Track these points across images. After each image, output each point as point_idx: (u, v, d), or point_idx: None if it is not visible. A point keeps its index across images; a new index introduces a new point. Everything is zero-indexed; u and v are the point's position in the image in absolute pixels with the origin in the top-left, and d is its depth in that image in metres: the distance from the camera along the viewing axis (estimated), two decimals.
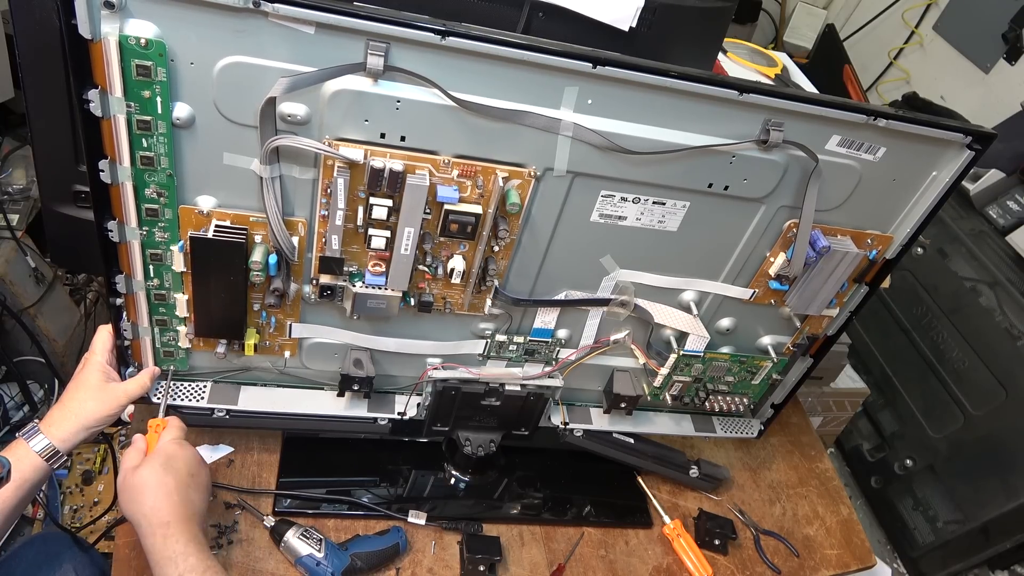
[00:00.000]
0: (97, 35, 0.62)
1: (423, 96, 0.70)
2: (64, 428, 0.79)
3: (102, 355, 0.85)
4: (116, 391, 0.84)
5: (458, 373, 0.97)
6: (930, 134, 0.82)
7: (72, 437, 0.80)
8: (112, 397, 0.83)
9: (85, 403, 0.82)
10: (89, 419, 0.81)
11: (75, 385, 0.84)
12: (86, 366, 0.85)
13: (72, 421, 0.80)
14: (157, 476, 0.76)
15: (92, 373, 0.84)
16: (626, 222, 0.85)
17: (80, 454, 1.42)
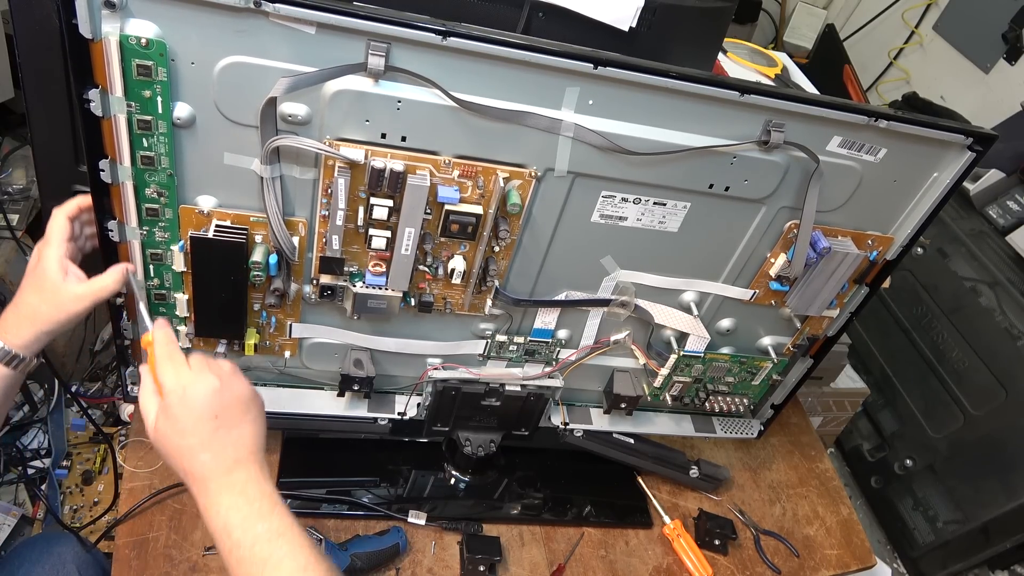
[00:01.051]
0: (98, 35, 0.62)
1: (424, 96, 0.70)
2: (21, 333, 0.71)
3: (58, 246, 0.72)
4: (76, 292, 0.72)
5: (458, 373, 0.97)
6: (931, 135, 0.82)
7: (33, 343, 0.72)
8: (71, 299, 0.72)
9: (40, 306, 0.71)
10: (46, 324, 0.71)
11: (29, 283, 0.73)
12: (40, 260, 0.72)
13: (28, 326, 0.71)
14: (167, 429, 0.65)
15: (48, 270, 0.72)
16: (627, 223, 0.85)
17: (80, 454, 1.42)
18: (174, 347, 0.68)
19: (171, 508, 0.94)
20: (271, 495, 0.64)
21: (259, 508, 0.63)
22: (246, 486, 0.64)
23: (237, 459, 0.65)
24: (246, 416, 0.67)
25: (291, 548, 0.61)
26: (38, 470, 1.39)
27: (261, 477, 0.65)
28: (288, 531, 0.62)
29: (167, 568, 0.89)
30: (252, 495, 0.63)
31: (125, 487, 0.95)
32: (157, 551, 0.90)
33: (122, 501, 0.94)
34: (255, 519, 0.62)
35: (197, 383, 0.65)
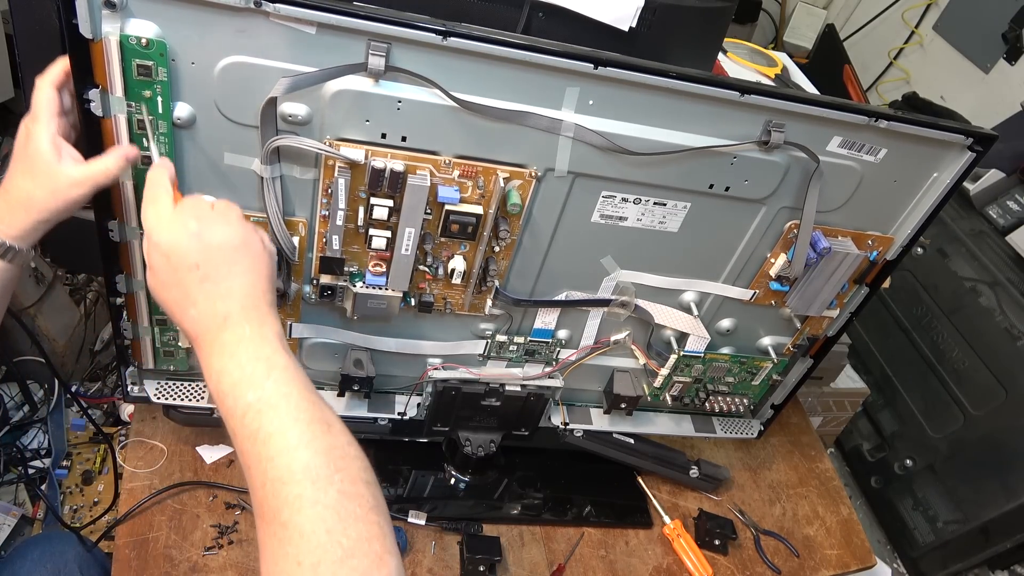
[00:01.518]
0: (98, 35, 0.62)
1: (424, 96, 0.70)
2: (15, 223, 0.64)
3: (48, 122, 0.63)
4: (73, 176, 0.64)
5: (458, 373, 0.97)
6: (931, 135, 0.82)
7: (30, 232, 0.65)
8: (68, 184, 0.64)
9: (34, 192, 0.63)
10: (42, 212, 0.64)
11: (19, 166, 0.64)
12: (30, 139, 0.64)
13: (22, 214, 0.64)
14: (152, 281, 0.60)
15: (40, 150, 0.63)
16: (627, 223, 0.85)
17: (80, 454, 1.42)
18: (160, 189, 0.61)
19: (171, 508, 0.94)
20: (268, 358, 0.56)
21: (251, 374, 0.55)
22: (237, 348, 0.56)
23: (226, 316, 0.57)
24: (234, 265, 0.59)
25: (282, 423, 0.53)
26: (38, 470, 1.39)
27: (257, 336, 0.57)
28: (282, 401, 0.54)
29: (167, 568, 0.89)
30: (244, 359, 0.56)
31: (125, 487, 0.95)
32: (157, 551, 0.90)
33: (122, 501, 0.94)
34: (246, 387, 0.55)
35: (172, 227, 0.58)
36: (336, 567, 0.48)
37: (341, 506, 0.51)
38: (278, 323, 0.59)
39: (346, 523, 0.50)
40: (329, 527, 0.50)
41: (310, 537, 0.49)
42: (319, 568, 0.48)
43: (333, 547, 0.49)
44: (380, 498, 0.54)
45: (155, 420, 1.02)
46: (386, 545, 0.51)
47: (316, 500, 0.51)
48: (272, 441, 0.53)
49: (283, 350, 0.57)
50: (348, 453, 0.54)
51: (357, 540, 0.50)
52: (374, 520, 0.52)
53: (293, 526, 0.50)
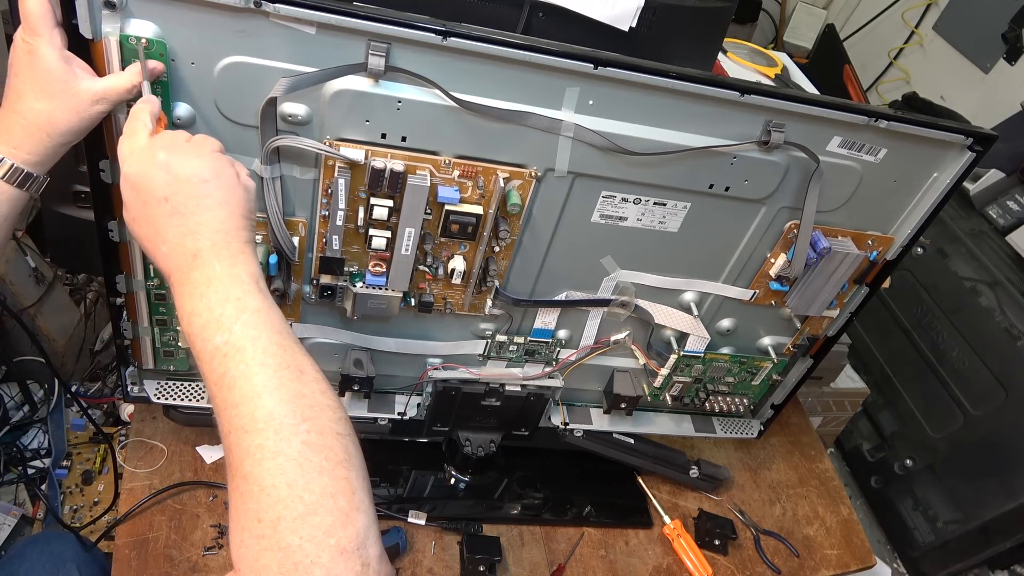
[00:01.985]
0: (98, 35, 0.62)
1: (424, 96, 0.70)
2: (35, 148, 0.60)
3: (51, 35, 0.59)
4: (94, 90, 0.60)
5: (458, 373, 0.97)
6: (931, 135, 0.82)
7: (50, 157, 0.62)
8: (90, 99, 0.60)
9: (54, 113, 0.60)
10: (65, 133, 0.61)
11: (28, 84, 0.59)
12: (35, 56, 0.58)
13: (44, 137, 0.60)
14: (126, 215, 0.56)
15: (51, 67, 0.58)
16: (627, 223, 0.85)
17: (80, 454, 1.42)
18: (139, 123, 0.58)
19: (171, 508, 0.94)
20: (239, 299, 0.52)
21: (219, 316, 0.52)
22: (207, 289, 0.53)
23: (196, 253, 0.54)
24: (204, 199, 0.55)
25: (248, 367, 0.50)
26: (38, 470, 1.39)
27: (227, 276, 0.53)
28: (250, 344, 0.51)
29: (167, 568, 0.89)
30: (213, 300, 0.52)
31: (125, 487, 0.95)
32: (157, 551, 0.90)
33: (122, 501, 0.94)
34: (214, 329, 0.51)
35: (141, 159, 0.56)
36: (296, 524, 0.45)
37: (305, 458, 0.47)
38: (254, 262, 0.56)
39: (309, 477, 0.47)
40: (290, 480, 0.46)
41: (270, 491, 0.46)
42: (279, 526, 0.45)
43: (294, 502, 0.45)
44: (353, 451, 0.50)
45: (155, 420, 1.02)
46: (354, 501, 0.47)
47: (278, 451, 0.47)
48: (237, 387, 0.50)
49: (257, 291, 0.54)
50: (319, 402, 0.51)
51: (321, 495, 0.46)
52: (342, 475, 0.48)
53: (253, 479, 0.47)
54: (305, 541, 0.45)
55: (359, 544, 0.46)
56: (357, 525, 0.46)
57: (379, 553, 0.47)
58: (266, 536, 0.45)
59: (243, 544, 0.46)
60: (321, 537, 0.45)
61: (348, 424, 0.52)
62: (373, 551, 0.47)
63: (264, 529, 0.45)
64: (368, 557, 0.46)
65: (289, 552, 0.44)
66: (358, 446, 0.51)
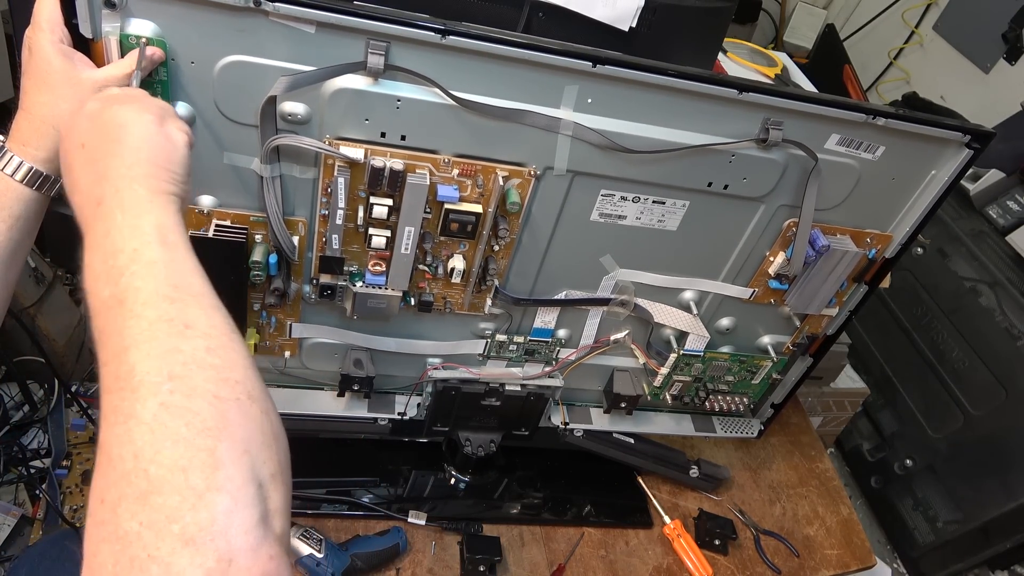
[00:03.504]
0: (98, 34, 0.62)
1: (423, 95, 0.70)
2: (43, 143, 0.60)
3: (51, 30, 0.60)
4: (96, 77, 0.60)
5: (458, 373, 0.97)
6: (929, 133, 0.82)
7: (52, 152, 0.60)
8: (90, 88, 0.60)
9: (57, 105, 0.59)
10: None
11: (33, 83, 0.60)
12: (35, 52, 0.60)
13: (42, 127, 0.59)
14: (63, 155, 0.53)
15: (51, 61, 0.59)
16: (626, 221, 0.85)
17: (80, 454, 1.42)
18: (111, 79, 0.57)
19: None
20: (135, 250, 0.46)
21: (111, 267, 0.45)
22: (104, 240, 0.47)
23: (99, 200, 0.49)
24: (116, 143, 0.50)
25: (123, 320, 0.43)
26: (38, 470, 1.39)
27: (127, 227, 0.47)
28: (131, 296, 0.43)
29: None
30: (108, 250, 0.46)
31: None
32: None
33: None
34: (103, 282, 0.45)
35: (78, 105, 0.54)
36: (136, 505, 0.36)
37: (160, 423, 0.38)
38: (165, 214, 0.49)
39: (160, 446, 0.37)
40: (137, 450, 0.37)
41: (116, 464, 0.38)
42: (119, 507, 0.36)
43: (137, 477, 0.37)
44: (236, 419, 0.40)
45: None
46: (214, 479, 0.37)
47: (130, 413, 0.39)
48: (110, 343, 0.43)
49: (158, 243, 0.46)
50: (198, 359, 0.41)
51: (170, 470, 0.37)
52: (204, 445, 0.38)
53: (104, 448, 0.39)
54: (144, 527, 0.35)
55: (215, 532, 0.36)
56: (213, 509, 0.36)
57: (250, 544, 0.37)
58: (106, 522, 0.36)
59: (87, 536, 0.37)
60: (162, 522, 0.35)
61: (239, 388, 0.42)
62: (239, 541, 0.36)
63: (105, 513, 0.37)
64: (229, 550, 0.36)
65: (127, 542, 0.35)
66: (252, 415, 0.41)
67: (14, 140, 0.60)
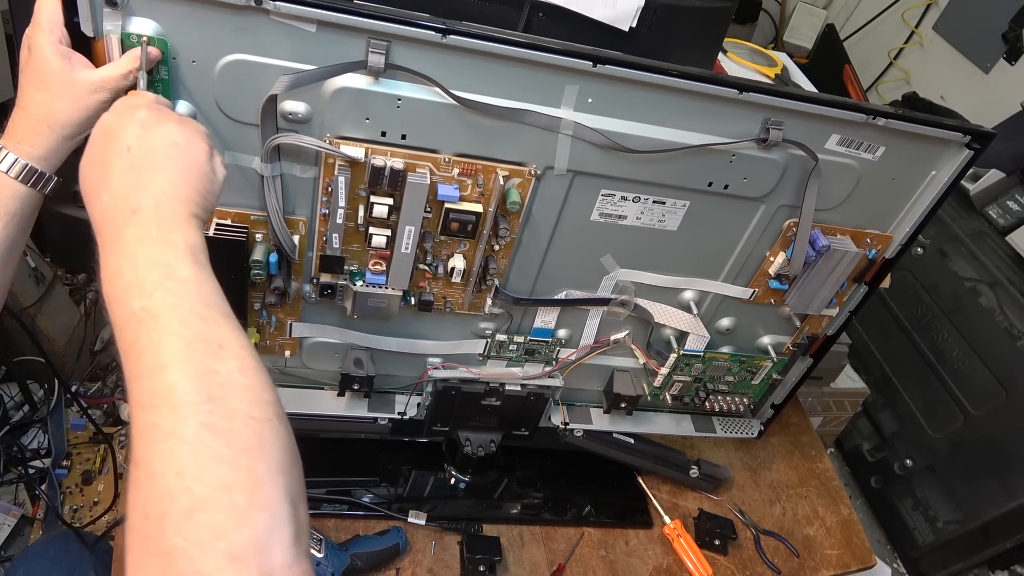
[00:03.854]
0: (99, 33, 0.62)
1: (424, 94, 0.70)
2: (39, 141, 0.61)
3: (50, 30, 0.60)
4: (90, 79, 0.61)
5: (458, 373, 0.97)
6: (929, 133, 0.82)
7: (54, 152, 0.62)
8: (87, 88, 0.61)
9: (53, 104, 0.60)
10: (65, 125, 0.61)
11: (31, 81, 0.61)
12: (33, 51, 0.60)
13: (45, 130, 0.61)
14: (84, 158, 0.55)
15: (48, 60, 0.60)
16: (626, 221, 0.85)
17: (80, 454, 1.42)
18: None
19: None
20: (169, 265, 0.47)
21: (143, 279, 0.46)
22: (137, 249, 0.48)
23: (136, 209, 0.50)
24: (166, 160, 0.53)
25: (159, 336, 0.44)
26: (38, 470, 1.39)
27: (161, 240, 0.49)
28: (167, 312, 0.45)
29: None
30: (141, 261, 0.47)
31: (125, 487, 0.95)
32: None
33: (122, 501, 0.94)
34: (134, 293, 0.46)
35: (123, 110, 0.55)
36: (181, 522, 0.38)
37: (201, 443, 0.40)
38: (196, 236, 0.51)
39: (203, 465, 0.39)
40: (181, 468, 0.39)
41: (159, 480, 0.39)
42: (164, 523, 0.38)
43: (181, 495, 0.39)
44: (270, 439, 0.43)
45: None
46: (256, 498, 0.40)
47: (172, 432, 0.40)
48: (144, 357, 0.44)
49: (191, 262, 0.48)
50: (233, 381, 0.44)
51: (214, 488, 0.39)
52: (245, 465, 0.40)
53: (144, 464, 0.40)
54: (190, 544, 0.38)
55: (257, 549, 0.38)
56: (256, 527, 0.39)
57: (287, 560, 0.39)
58: (152, 537, 0.38)
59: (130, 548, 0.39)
60: (208, 539, 0.38)
61: (271, 408, 0.44)
62: (278, 558, 0.39)
63: (150, 528, 0.39)
64: (270, 566, 0.38)
65: (173, 557, 0.37)
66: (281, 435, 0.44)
67: (9, 138, 0.61)
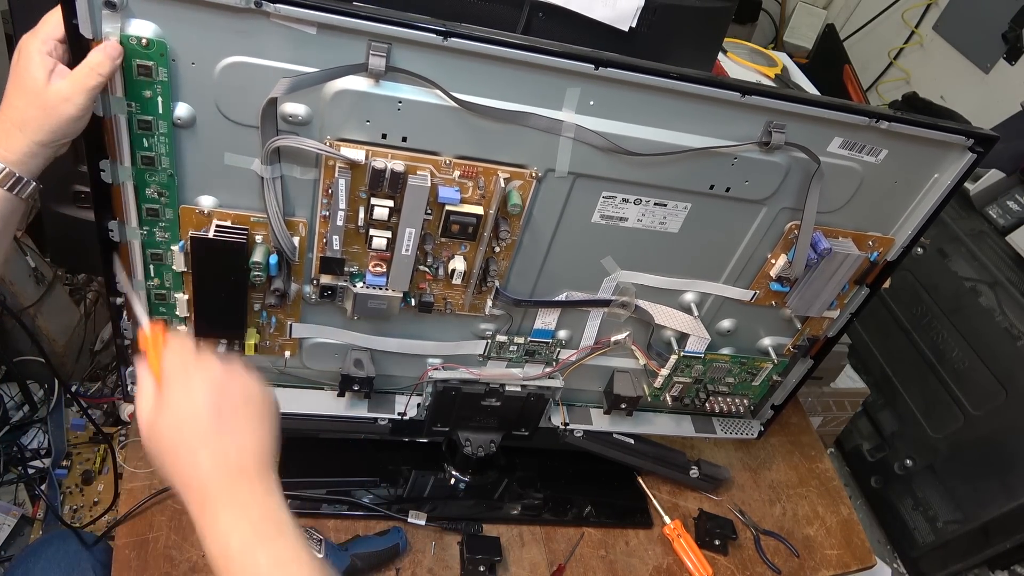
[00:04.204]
0: (98, 35, 0.62)
1: (425, 97, 0.70)
2: (11, 144, 0.61)
3: (44, 40, 0.61)
4: (62, 90, 0.60)
5: (458, 373, 0.97)
6: (932, 136, 0.82)
7: (28, 157, 0.61)
8: (58, 99, 0.60)
9: (27, 110, 0.60)
10: (37, 132, 0.61)
11: (13, 86, 0.61)
12: (22, 55, 0.61)
13: (18, 134, 0.61)
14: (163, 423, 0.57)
15: (29, 64, 0.60)
16: (627, 223, 0.85)
17: (80, 454, 1.42)
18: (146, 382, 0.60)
19: (171, 508, 0.94)
20: (278, 516, 0.55)
21: (263, 532, 0.54)
22: (249, 503, 0.55)
23: (241, 468, 0.56)
24: (254, 418, 0.59)
25: None
26: (38, 470, 1.39)
27: (267, 492, 0.56)
28: (292, 562, 0.53)
29: (167, 568, 0.89)
30: (256, 516, 0.54)
31: (125, 487, 0.95)
32: (157, 551, 0.90)
33: (122, 501, 0.94)
34: (257, 546, 0.53)
35: (201, 369, 0.59)
36: None
37: None
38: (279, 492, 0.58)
39: None
40: None
41: None
42: None
43: None
44: None
45: None
46: None
47: None
48: None
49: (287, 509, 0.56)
50: None
51: None
52: None
53: None
54: None
55: None
56: None
57: None
58: None
59: None
60: None
61: None
62: None
63: None
64: None
65: None
66: None
67: None
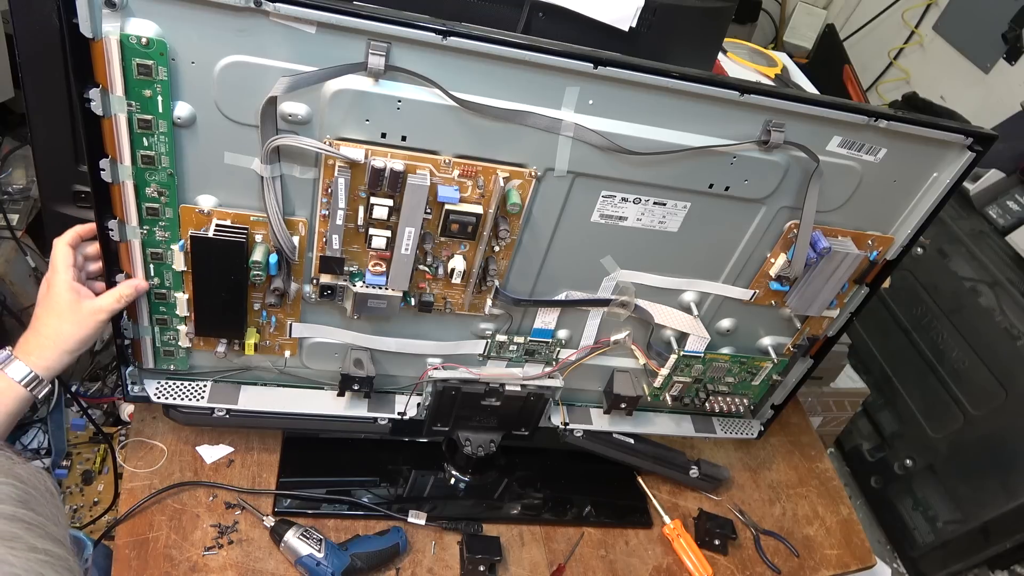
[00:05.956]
0: (98, 34, 0.62)
1: (424, 96, 0.70)
2: (45, 355, 0.76)
3: (66, 272, 0.78)
4: (92, 308, 0.78)
5: (458, 373, 0.97)
6: (931, 135, 0.82)
7: (55, 363, 0.77)
8: (89, 315, 0.78)
9: (61, 327, 0.77)
10: (69, 342, 0.77)
11: (45, 310, 0.78)
12: (51, 288, 0.78)
13: (51, 347, 0.77)
14: None
15: (62, 294, 0.77)
16: (627, 222, 0.85)
17: (80, 454, 1.42)
18: None
19: (171, 508, 0.94)
20: None
21: None
22: None
23: None
24: None
25: None
26: None
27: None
28: None
29: (167, 568, 0.89)
30: None
31: (125, 487, 0.95)
32: (157, 551, 0.90)
33: (122, 501, 0.94)
34: None
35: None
36: None
37: None
38: None
39: None
40: None
41: None
42: None
43: None
44: None
45: (155, 420, 1.02)
46: None
47: None
48: None
49: None
50: None
51: None
52: None
53: None
54: None
55: None
56: None
57: None
58: None
59: None
60: None
61: None
62: None
63: None
64: None
65: None
66: None
67: (21, 351, 0.76)
